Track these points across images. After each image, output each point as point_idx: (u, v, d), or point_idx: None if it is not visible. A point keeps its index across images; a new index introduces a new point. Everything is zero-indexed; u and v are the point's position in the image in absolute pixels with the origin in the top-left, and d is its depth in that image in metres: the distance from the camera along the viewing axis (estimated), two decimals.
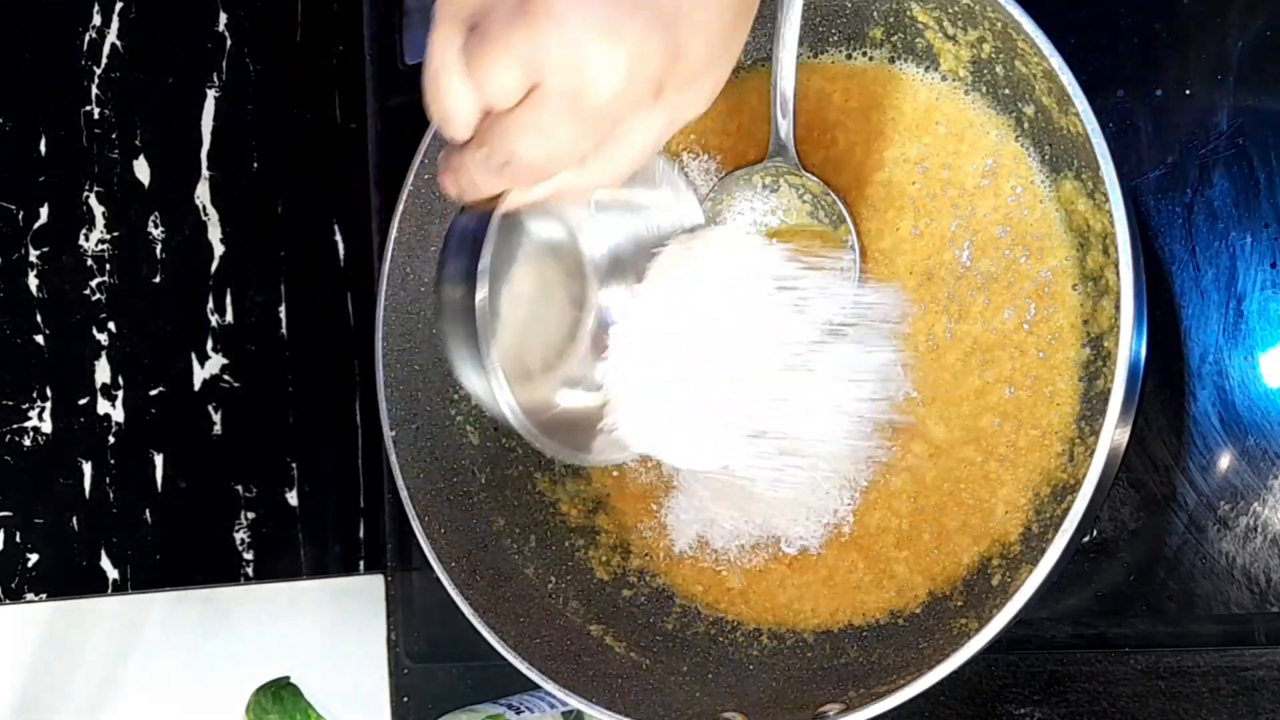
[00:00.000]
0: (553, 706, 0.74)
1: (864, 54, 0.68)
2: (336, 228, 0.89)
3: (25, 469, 0.69)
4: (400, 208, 0.69)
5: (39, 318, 0.70)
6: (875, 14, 0.66)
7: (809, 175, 0.65)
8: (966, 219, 0.65)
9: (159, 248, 0.77)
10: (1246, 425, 0.61)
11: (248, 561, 0.80)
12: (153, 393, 0.76)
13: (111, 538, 0.73)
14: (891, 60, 0.67)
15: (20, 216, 0.70)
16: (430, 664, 0.86)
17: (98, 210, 0.73)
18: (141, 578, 0.74)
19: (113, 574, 0.73)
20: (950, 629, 0.62)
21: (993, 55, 0.62)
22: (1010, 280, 0.63)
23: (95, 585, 0.72)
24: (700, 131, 0.72)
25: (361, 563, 0.88)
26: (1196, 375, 0.62)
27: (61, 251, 0.71)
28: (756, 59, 0.71)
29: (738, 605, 0.70)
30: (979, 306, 0.63)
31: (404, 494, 0.68)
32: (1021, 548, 0.61)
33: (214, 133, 0.80)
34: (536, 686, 0.63)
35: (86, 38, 0.74)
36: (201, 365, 0.79)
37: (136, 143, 0.76)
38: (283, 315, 0.84)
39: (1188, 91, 0.63)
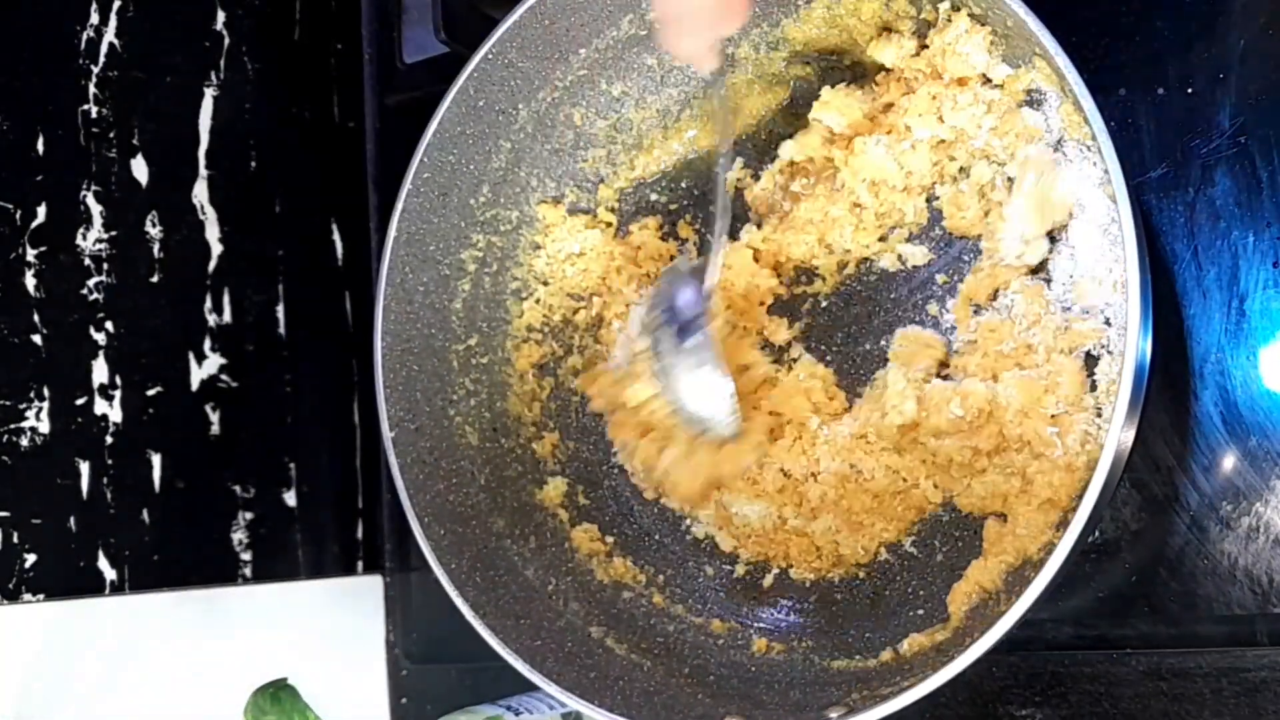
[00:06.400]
0: (552, 708, 0.74)
1: None
2: (335, 227, 0.89)
3: (23, 469, 0.69)
4: (399, 207, 0.69)
5: (36, 317, 0.70)
6: None
7: None
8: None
9: (157, 247, 0.76)
10: (1249, 425, 0.61)
11: (246, 562, 0.80)
12: (150, 392, 0.75)
13: (109, 538, 0.72)
14: None
15: (18, 216, 0.69)
16: (429, 665, 0.86)
17: (95, 209, 0.73)
18: (139, 578, 0.74)
19: (110, 574, 0.72)
20: None
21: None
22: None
23: (93, 586, 0.72)
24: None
25: (360, 563, 0.88)
26: (1199, 375, 0.62)
27: (59, 251, 0.71)
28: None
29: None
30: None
31: (403, 494, 0.68)
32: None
33: (212, 132, 0.80)
34: (536, 688, 0.63)
35: (84, 36, 0.73)
36: (199, 365, 0.78)
37: (134, 142, 0.75)
38: (280, 315, 0.84)
39: (1190, 90, 0.63)
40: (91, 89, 0.74)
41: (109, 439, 0.73)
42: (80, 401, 0.72)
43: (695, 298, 0.64)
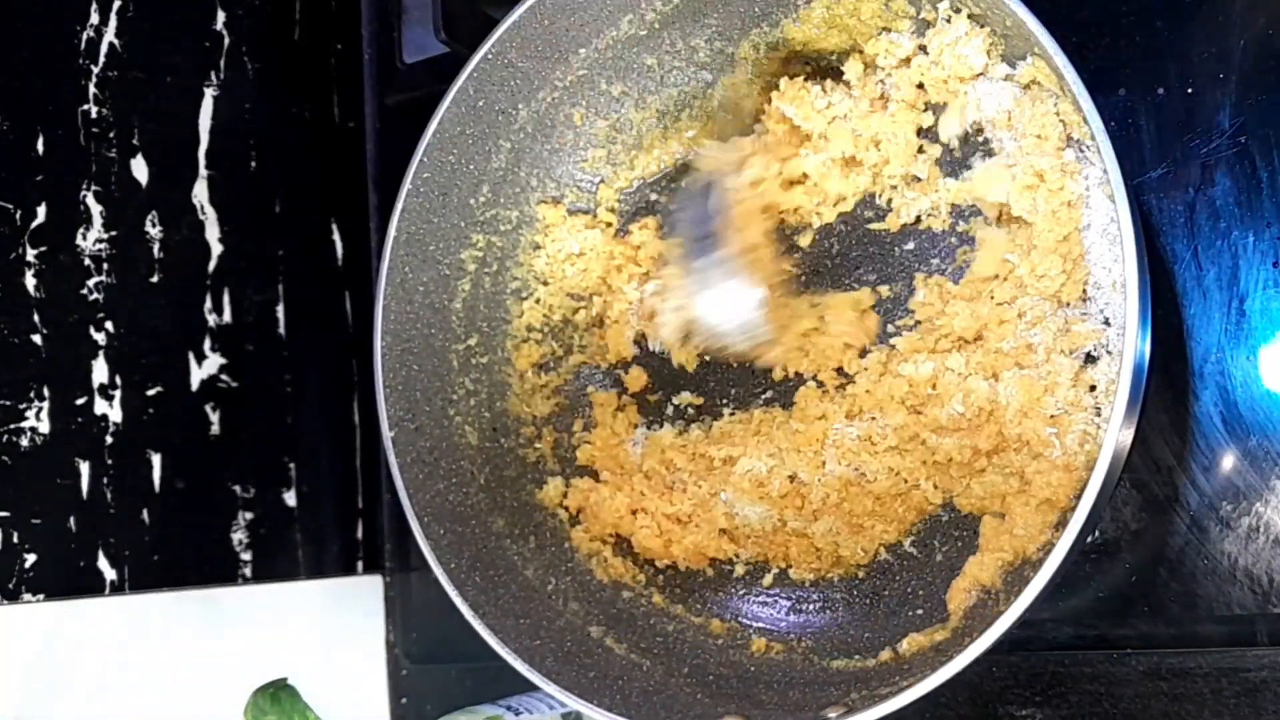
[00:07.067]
0: (551, 708, 0.74)
1: None
2: (334, 227, 0.89)
3: (23, 469, 0.69)
4: (399, 207, 0.69)
5: (36, 317, 0.70)
6: None
7: None
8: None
9: (156, 247, 0.76)
10: (1249, 425, 0.61)
11: (246, 562, 0.80)
12: (150, 392, 0.75)
13: (109, 538, 0.72)
14: None
15: (18, 216, 0.69)
16: (429, 665, 0.86)
17: (95, 209, 0.73)
18: (139, 578, 0.74)
19: (110, 575, 0.72)
20: None
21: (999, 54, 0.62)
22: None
23: (93, 586, 0.72)
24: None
25: (360, 563, 0.88)
26: (1199, 375, 0.62)
27: (59, 251, 0.71)
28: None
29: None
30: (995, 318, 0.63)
31: (402, 494, 0.68)
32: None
33: (212, 132, 0.80)
34: (535, 687, 0.63)
35: (84, 36, 0.74)
36: (199, 365, 0.78)
37: (134, 141, 0.75)
38: (280, 315, 0.84)
39: (1190, 90, 0.63)
40: (91, 89, 0.74)
41: (109, 439, 0.73)
42: (80, 401, 0.72)
43: (703, 213, 0.64)
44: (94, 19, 0.74)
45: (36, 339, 0.70)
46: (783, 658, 0.67)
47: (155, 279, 0.76)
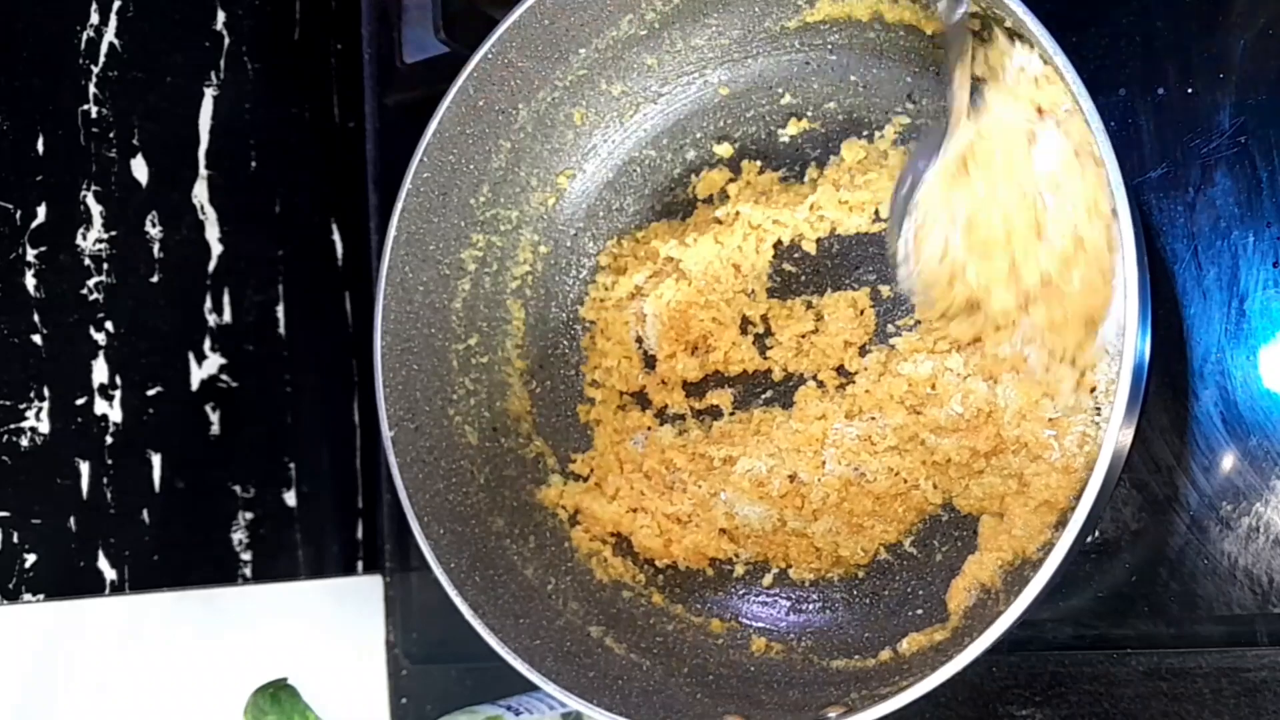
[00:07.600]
0: (552, 708, 0.74)
1: None
2: (335, 227, 0.89)
3: (22, 469, 0.69)
4: (399, 207, 0.69)
5: (36, 317, 0.70)
6: None
7: None
8: None
9: (156, 247, 0.76)
10: (1249, 425, 0.61)
11: (245, 562, 0.80)
12: (150, 392, 0.75)
13: (109, 538, 0.72)
14: None
15: (18, 216, 0.69)
16: (429, 665, 0.86)
17: (95, 209, 0.73)
18: (139, 578, 0.74)
19: (110, 574, 0.72)
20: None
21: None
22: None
23: (93, 586, 0.72)
24: None
25: (360, 563, 0.88)
26: (1199, 375, 0.62)
27: (59, 251, 0.71)
28: None
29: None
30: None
31: (402, 494, 0.68)
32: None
33: (212, 131, 0.80)
34: (536, 687, 0.63)
35: (84, 36, 0.73)
36: (199, 365, 0.78)
37: (134, 142, 0.75)
38: (280, 315, 0.84)
39: (1190, 90, 0.63)
40: (91, 89, 0.74)
41: (109, 439, 0.73)
42: (80, 401, 0.72)
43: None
44: (94, 19, 0.74)
45: (36, 339, 0.70)
46: (782, 658, 0.67)
47: (155, 279, 0.76)
